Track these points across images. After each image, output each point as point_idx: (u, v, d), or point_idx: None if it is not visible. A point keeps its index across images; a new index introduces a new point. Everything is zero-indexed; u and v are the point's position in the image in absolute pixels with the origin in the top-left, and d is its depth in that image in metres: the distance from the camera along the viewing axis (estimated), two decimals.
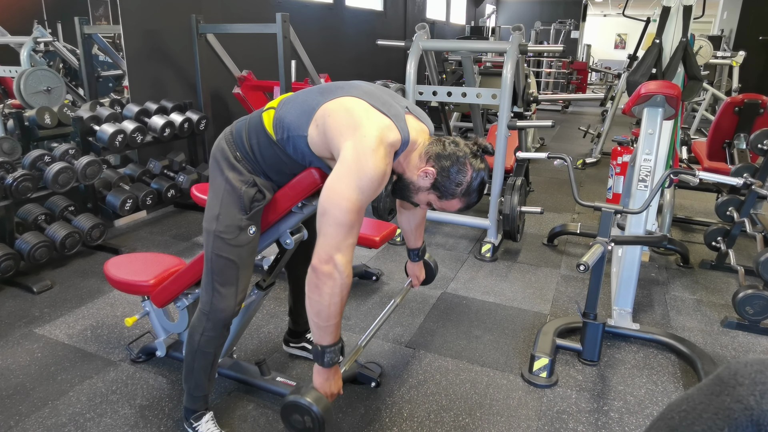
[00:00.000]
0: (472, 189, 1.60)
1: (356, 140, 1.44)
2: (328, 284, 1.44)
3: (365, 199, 1.44)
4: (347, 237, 1.44)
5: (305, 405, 1.48)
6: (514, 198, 3.51)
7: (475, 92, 3.50)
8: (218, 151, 1.68)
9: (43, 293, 3.00)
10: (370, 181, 1.43)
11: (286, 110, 1.59)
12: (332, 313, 1.47)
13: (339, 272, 1.44)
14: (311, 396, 1.50)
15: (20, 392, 2.17)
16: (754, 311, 2.68)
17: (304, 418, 1.50)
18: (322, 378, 1.57)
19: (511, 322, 2.80)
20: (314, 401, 1.49)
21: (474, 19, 15.40)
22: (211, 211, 1.66)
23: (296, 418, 1.52)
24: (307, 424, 1.50)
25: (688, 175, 2.42)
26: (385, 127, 1.49)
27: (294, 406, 1.50)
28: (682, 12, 2.97)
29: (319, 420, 1.48)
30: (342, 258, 1.44)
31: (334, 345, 1.53)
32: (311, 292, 1.47)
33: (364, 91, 1.58)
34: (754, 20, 9.55)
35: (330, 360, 1.54)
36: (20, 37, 3.59)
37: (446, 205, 1.64)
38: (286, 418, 1.54)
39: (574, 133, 8.43)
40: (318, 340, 1.53)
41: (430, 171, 1.57)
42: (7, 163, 3.06)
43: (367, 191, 1.44)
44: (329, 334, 1.51)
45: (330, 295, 1.45)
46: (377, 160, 1.43)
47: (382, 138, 1.46)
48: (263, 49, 5.23)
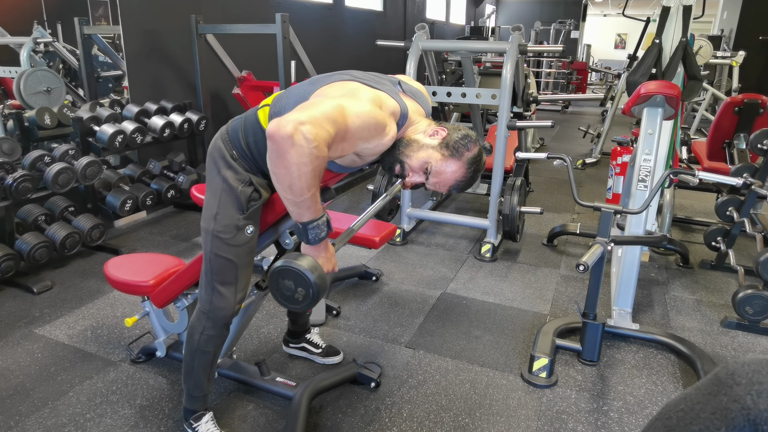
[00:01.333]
0: (476, 161, 1.61)
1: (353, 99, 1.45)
2: (291, 152, 1.28)
3: (356, 120, 1.39)
4: (325, 122, 1.32)
5: (298, 270, 1.35)
6: (514, 198, 3.51)
7: (474, 92, 3.50)
8: (215, 150, 1.68)
9: (43, 294, 3.00)
10: (367, 113, 1.42)
11: (281, 105, 1.59)
12: (305, 185, 1.33)
13: (305, 138, 1.27)
14: (306, 262, 1.37)
15: (20, 392, 2.18)
16: (753, 311, 2.68)
17: (296, 287, 1.37)
18: (312, 255, 1.48)
19: (510, 323, 2.80)
20: (309, 268, 1.36)
21: (474, 19, 15.40)
22: (209, 211, 1.66)
23: (286, 285, 1.39)
24: (298, 293, 1.38)
25: (688, 175, 2.42)
26: (382, 96, 1.51)
27: (286, 271, 1.37)
28: (681, 12, 2.97)
29: (313, 289, 1.36)
30: (311, 128, 1.28)
31: (317, 219, 1.42)
32: (274, 165, 1.33)
33: (354, 75, 1.60)
34: (754, 20, 9.55)
35: (315, 236, 1.44)
36: (20, 38, 3.59)
37: (444, 173, 1.59)
38: (276, 283, 1.41)
39: (573, 133, 8.43)
40: (297, 218, 1.42)
41: (441, 131, 1.59)
42: (7, 163, 3.06)
43: (363, 116, 1.41)
44: (307, 208, 1.39)
45: (297, 164, 1.29)
46: (377, 110, 1.44)
47: (381, 103, 1.48)
48: (263, 49, 5.23)
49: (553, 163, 2.59)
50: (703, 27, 13.64)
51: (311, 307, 1.40)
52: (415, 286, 3.18)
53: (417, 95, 1.70)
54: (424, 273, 3.37)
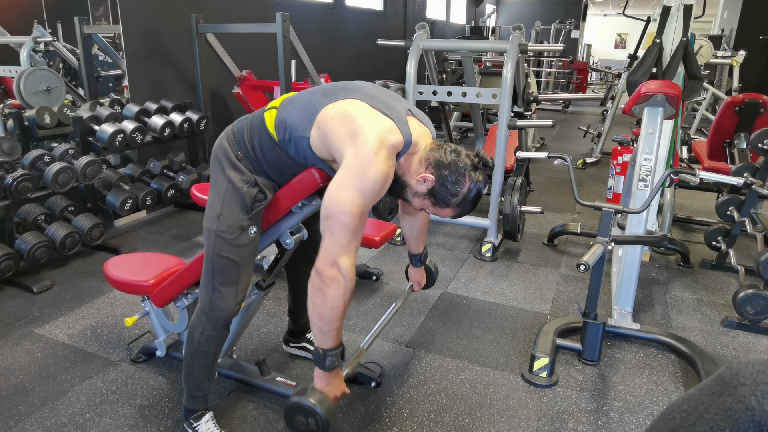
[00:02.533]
0: (467, 200, 1.60)
1: (357, 145, 1.44)
2: (332, 287, 1.44)
3: (368, 202, 1.45)
4: (351, 240, 1.45)
5: (309, 406, 1.47)
6: (515, 198, 3.51)
7: (475, 92, 3.50)
8: (220, 151, 1.68)
9: (43, 293, 3.00)
10: (373, 184, 1.43)
11: (289, 111, 1.58)
12: (335, 316, 1.47)
13: (343, 276, 1.44)
14: (315, 397, 1.49)
15: (20, 392, 2.17)
16: (754, 311, 2.67)
17: (308, 419, 1.49)
18: (323, 382, 1.56)
19: (511, 322, 2.80)
20: (318, 402, 1.48)
21: (474, 18, 15.39)
22: (213, 211, 1.66)
23: (300, 420, 1.51)
24: (311, 426, 1.50)
25: (689, 174, 2.42)
26: (387, 129, 1.49)
27: (298, 408, 1.49)
28: (682, 11, 2.97)
29: (323, 421, 1.47)
30: (346, 261, 1.44)
31: (336, 348, 1.53)
32: (315, 295, 1.47)
33: (366, 94, 1.57)
34: (754, 20, 9.54)
35: (331, 364, 1.54)
36: (20, 37, 3.59)
37: (439, 212, 1.64)
38: (290, 419, 1.53)
39: (574, 133, 8.43)
40: (320, 344, 1.52)
41: (429, 177, 1.56)
42: (7, 163, 3.06)
43: (370, 195, 1.44)
44: (331, 337, 1.51)
45: (333, 298, 1.45)
46: (379, 164, 1.43)
47: (383, 141, 1.46)
48: (263, 48, 5.23)
49: (553, 163, 2.59)
50: (704, 27, 13.64)
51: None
52: None
53: (423, 117, 1.69)
54: None
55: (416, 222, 2.02)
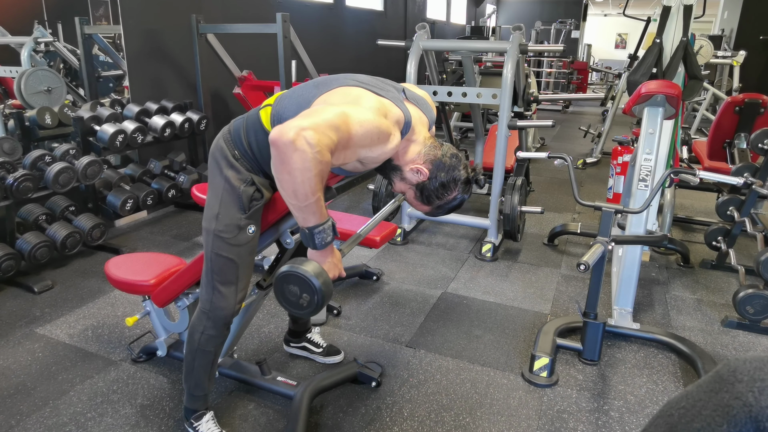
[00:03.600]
0: (446, 206, 1.63)
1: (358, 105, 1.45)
2: (294, 157, 1.28)
3: (359, 128, 1.38)
4: (327, 128, 1.32)
5: (304, 276, 1.34)
6: (515, 198, 3.51)
7: (475, 92, 3.50)
8: (217, 150, 1.68)
9: (44, 293, 3.00)
10: (370, 121, 1.41)
11: (283, 106, 1.59)
12: (309, 190, 1.33)
13: (308, 143, 1.28)
14: (311, 267, 1.36)
15: (21, 392, 2.18)
16: (754, 311, 2.68)
17: (301, 292, 1.36)
18: (318, 260, 1.47)
19: (511, 322, 2.80)
20: (314, 274, 1.35)
21: (474, 18, 15.40)
22: (211, 211, 1.66)
23: (291, 290, 1.38)
24: (303, 299, 1.37)
25: (689, 174, 2.42)
26: (386, 104, 1.50)
27: (291, 276, 1.36)
28: (682, 11, 2.97)
29: (318, 295, 1.34)
30: (313, 134, 1.29)
31: (322, 224, 1.42)
32: (277, 171, 1.34)
33: (359, 80, 1.58)
34: (754, 20, 9.54)
35: (321, 240, 1.43)
36: (21, 38, 3.59)
37: (416, 205, 1.65)
38: (281, 289, 1.40)
39: (574, 133, 8.43)
40: (302, 223, 1.42)
41: (423, 171, 1.57)
42: (8, 163, 3.06)
43: (366, 125, 1.40)
44: (312, 213, 1.38)
45: (301, 170, 1.29)
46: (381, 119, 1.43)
47: (385, 111, 1.47)
48: (263, 49, 5.23)
49: (553, 163, 2.59)
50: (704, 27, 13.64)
51: (316, 313, 1.41)
52: (416, 286, 3.18)
53: (420, 102, 1.69)
54: (425, 272, 3.37)
55: None
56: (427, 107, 1.71)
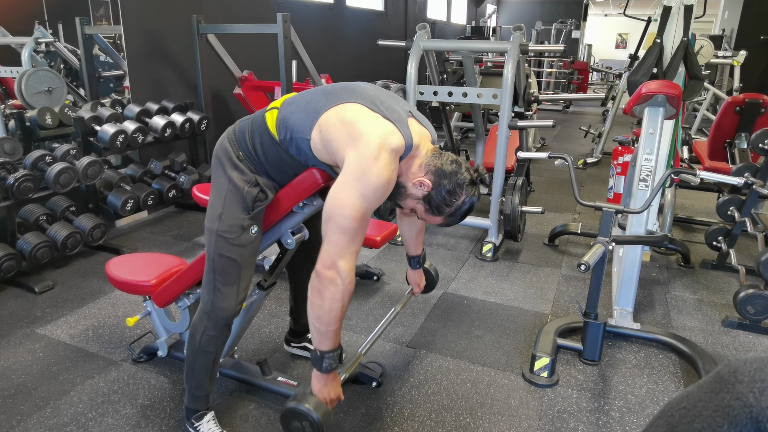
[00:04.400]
0: (458, 212, 1.62)
1: (359, 149, 1.45)
2: (330, 289, 1.45)
3: (369, 206, 1.45)
4: (351, 244, 1.45)
5: (304, 411, 1.49)
6: (515, 198, 3.51)
7: (476, 92, 3.50)
8: (221, 151, 1.68)
9: (45, 293, 3.01)
10: (374, 188, 1.44)
11: (290, 111, 1.59)
12: (333, 318, 1.48)
13: (342, 278, 1.45)
14: (310, 402, 1.50)
15: (22, 392, 2.18)
16: (755, 311, 2.67)
17: (303, 424, 1.50)
18: (320, 383, 1.57)
19: (512, 322, 2.80)
20: (313, 408, 1.49)
21: (475, 19, 15.40)
22: (214, 211, 1.67)
23: (296, 425, 1.52)
24: (306, 430, 1.51)
25: (689, 174, 2.42)
26: (388, 132, 1.49)
27: (293, 413, 1.51)
28: (683, 11, 2.97)
29: (318, 426, 1.48)
30: (345, 264, 1.45)
31: (333, 351, 1.54)
32: (313, 296, 1.48)
33: (367, 96, 1.57)
34: (755, 20, 9.54)
35: (329, 366, 1.55)
36: (21, 38, 3.59)
37: (429, 218, 1.66)
38: (286, 424, 1.54)
39: (575, 133, 8.43)
40: (317, 345, 1.54)
41: (426, 183, 1.57)
42: (9, 163, 3.06)
43: (371, 198, 1.45)
44: (329, 339, 1.52)
45: (331, 300, 1.45)
46: (381, 168, 1.43)
47: (385, 144, 1.46)
48: (264, 49, 5.23)
49: (554, 163, 2.59)
50: (704, 26, 13.64)
51: None
52: None
53: (423, 121, 1.70)
54: None
55: (414, 223, 2.02)
56: (428, 124, 1.72)
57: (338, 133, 1.50)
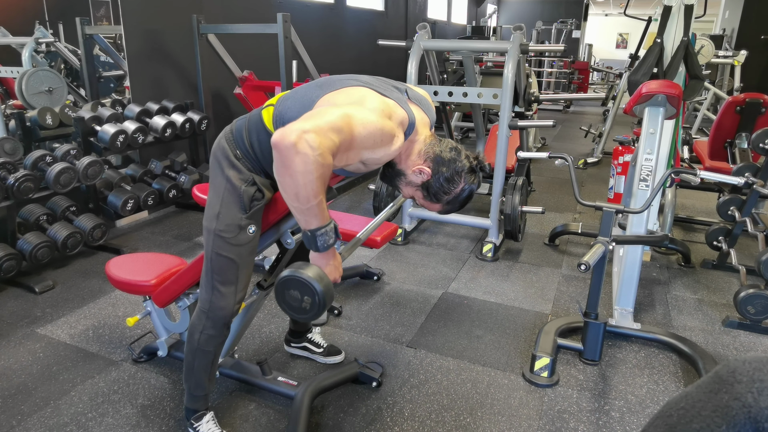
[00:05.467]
0: (457, 199, 1.62)
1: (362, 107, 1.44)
2: (296, 160, 1.28)
3: (359, 130, 1.38)
4: (329, 128, 1.32)
5: (305, 280, 1.34)
6: (516, 198, 3.51)
7: (476, 92, 3.50)
8: (218, 150, 1.68)
9: (45, 293, 3.01)
10: (374, 123, 1.40)
11: (286, 106, 1.59)
12: (311, 192, 1.33)
13: (310, 146, 1.27)
14: (313, 272, 1.36)
15: (22, 392, 2.18)
16: (755, 311, 2.67)
17: (303, 296, 1.36)
18: (320, 263, 1.49)
19: (512, 322, 2.80)
20: (316, 278, 1.34)
21: (475, 18, 15.40)
22: (212, 210, 1.67)
23: (293, 295, 1.38)
24: (305, 303, 1.37)
25: (690, 174, 2.42)
26: (391, 105, 1.50)
27: (293, 281, 1.36)
28: (683, 11, 2.97)
29: (319, 298, 1.34)
30: (315, 137, 1.28)
31: (324, 226, 1.42)
32: (279, 174, 1.34)
33: (363, 81, 1.58)
34: (755, 19, 9.53)
35: (324, 243, 1.44)
36: (22, 38, 3.59)
37: (428, 205, 1.65)
38: (282, 294, 1.40)
39: (575, 133, 8.42)
40: (304, 226, 1.42)
41: (426, 170, 1.58)
42: (9, 163, 3.07)
43: (369, 127, 1.39)
44: (314, 215, 1.39)
45: (303, 173, 1.29)
46: (387, 121, 1.43)
47: (390, 112, 1.46)
48: (264, 49, 5.23)
49: (554, 163, 2.59)
50: (705, 26, 13.63)
51: (318, 317, 1.41)
52: (417, 286, 3.18)
53: (422, 103, 1.69)
54: (426, 273, 3.37)
55: None
56: (428, 107, 1.72)
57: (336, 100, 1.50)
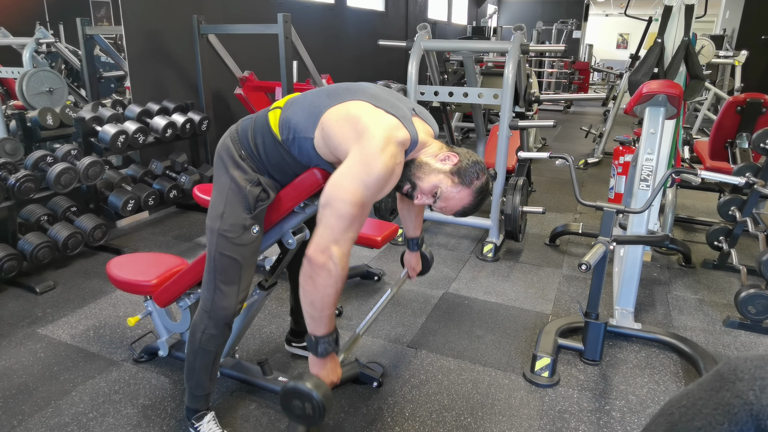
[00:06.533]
0: (483, 190, 1.60)
1: (363, 142, 1.44)
2: (322, 275, 1.42)
3: (370, 195, 1.44)
4: (347, 230, 1.43)
5: (305, 391, 1.45)
6: (516, 198, 3.51)
7: (476, 92, 3.50)
8: (223, 150, 1.68)
9: (46, 293, 3.01)
10: (377, 178, 1.42)
11: (293, 111, 1.59)
12: (326, 304, 1.46)
13: (334, 264, 1.42)
14: (311, 382, 1.47)
15: (23, 392, 2.18)
16: (756, 311, 2.67)
17: (304, 404, 1.47)
18: (318, 367, 1.56)
19: (513, 322, 2.80)
20: (314, 387, 1.46)
21: (476, 19, 15.39)
22: (216, 210, 1.67)
23: (296, 404, 1.49)
24: (307, 410, 1.48)
25: (690, 174, 2.42)
26: (393, 126, 1.50)
27: (294, 392, 1.48)
28: (684, 11, 2.97)
29: (319, 406, 1.45)
30: (338, 250, 1.42)
31: (329, 335, 1.52)
32: (305, 282, 1.46)
33: (369, 94, 1.58)
34: (756, 19, 9.53)
35: (324, 350, 1.53)
36: (22, 38, 3.60)
37: (453, 199, 1.58)
38: (286, 404, 1.52)
39: (575, 133, 8.43)
40: (312, 331, 1.52)
41: (453, 157, 1.58)
42: (10, 163, 3.07)
43: (373, 188, 1.43)
44: (323, 324, 1.50)
45: (324, 286, 1.43)
46: (386, 158, 1.43)
47: (390, 137, 1.46)
48: (265, 49, 5.23)
49: (555, 163, 2.59)
50: (706, 26, 13.63)
51: (320, 423, 1.52)
52: (417, 286, 3.18)
53: (426, 116, 1.70)
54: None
55: (414, 204, 2.00)
56: (431, 119, 1.73)
57: (342, 129, 1.50)
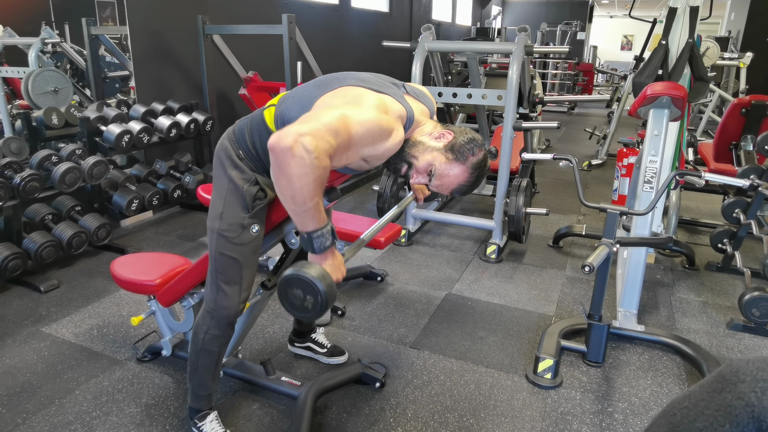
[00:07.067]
0: (480, 166, 1.59)
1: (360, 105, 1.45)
2: (291, 164, 1.28)
3: (359, 128, 1.39)
4: (326, 133, 1.32)
5: (308, 279, 1.31)
6: (520, 199, 3.51)
7: (480, 93, 3.50)
8: (221, 150, 1.69)
9: (50, 292, 3.02)
10: (368, 119, 1.41)
11: (287, 106, 1.59)
12: (307, 195, 1.33)
13: (306, 150, 1.27)
14: (315, 271, 1.33)
15: (27, 390, 2.19)
16: (760, 313, 2.66)
17: (305, 295, 1.34)
18: (319, 264, 1.46)
19: (515, 324, 2.79)
20: (319, 277, 1.32)
21: (480, 20, 15.39)
22: (215, 210, 1.67)
23: (296, 294, 1.35)
24: (307, 302, 1.35)
25: (694, 176, 2.41)
26: (388, 101, 1.51)
27: (295, 280, 1.33)
28: (688, 13, 2.96)
29: (322, 298, 1.32)
30: (312, 140, 1.28)
31: (320, 228, 1.41)
32: (275, 176, 1.34)
33: (359, 79, 1.59)
34: (761, 21, 9.50)
35: (320, 245, 1.43)
36: (28, 38, 3.61)
37: (448, 176, 1.57)
38: (284, 293, 1.37)
39: (579, 135, 8.41)
40: (301, 228, 1.42)
41: (448, 134, 1.59)
42: (15, 163, 3.09)
43: (367, 124, 1.40)
44: (310, 218, 1.39)
45: (298, 176, 1.29)
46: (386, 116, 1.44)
47: (386, 108, 1.47)
48: (269, 50, 5.24)
49: (558, 165, 2.59)
50: (710, 28, 13.60)
51: (320, 316, 1.40)
52: (420, 287, 3.18)
53: (420, 95, 1.70)
54: (429, 274, 3.37)
55: None
56: (426, 99, 1.73)
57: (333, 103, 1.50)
